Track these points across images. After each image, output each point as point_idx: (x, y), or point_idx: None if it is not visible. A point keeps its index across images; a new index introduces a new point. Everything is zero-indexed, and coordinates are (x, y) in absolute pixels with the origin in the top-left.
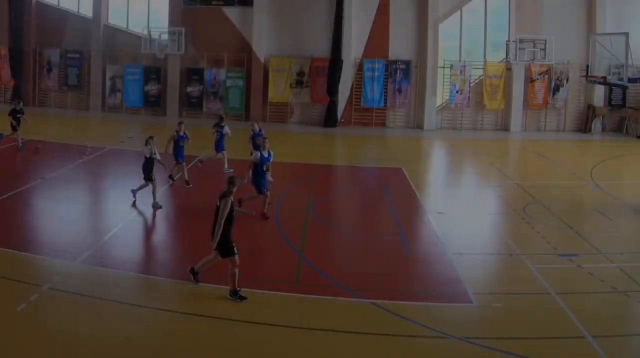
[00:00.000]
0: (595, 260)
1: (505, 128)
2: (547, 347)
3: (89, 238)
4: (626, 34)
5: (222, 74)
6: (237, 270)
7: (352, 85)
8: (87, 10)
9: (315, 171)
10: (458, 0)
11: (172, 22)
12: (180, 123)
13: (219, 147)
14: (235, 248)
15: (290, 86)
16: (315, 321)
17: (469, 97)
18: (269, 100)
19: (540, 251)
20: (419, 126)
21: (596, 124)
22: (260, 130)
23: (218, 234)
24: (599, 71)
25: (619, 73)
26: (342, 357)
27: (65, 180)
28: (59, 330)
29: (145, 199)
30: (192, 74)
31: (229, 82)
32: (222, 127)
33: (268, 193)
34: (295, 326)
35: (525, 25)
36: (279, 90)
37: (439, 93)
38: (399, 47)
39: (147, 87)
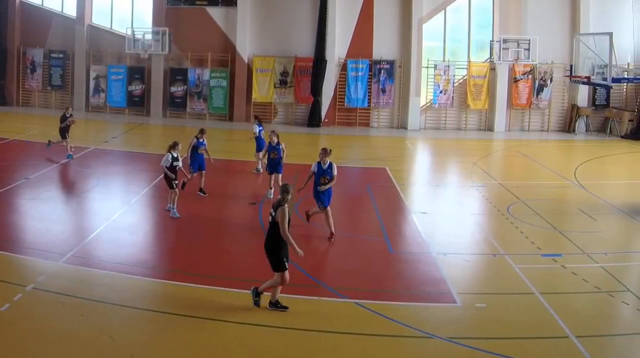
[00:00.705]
0: (578, 260)
1: (489, 128)
2: (531, 347)
3: (73, 238)
4: (610, 34)
5: (206, 74)
6: (280, 287)
7: (336, 85)
8: (71, 10)
9: (298, 171)
10: (442, 0)
11: (155, 22)
12: (202, 130)
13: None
14: (286, 264)
15: (274, 86)
16: (299, 321)
17: (452, 97)
18: (252, 100)
19: (524, 251)
20: (403, 126)
21: (580, 124)
22: (277, 144)
23: (291, 242)
24: (582, 71)
25: (603, 73)
26: (326, 357)
27: (49, 180)
28: (43, 330)
29: (127, 198)
30: (175, 74)
31: (212, 82)
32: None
33: (329, 209)
34: (279, 326)
35: (510, 25)
36: (262, 90)
37: (423, 93)
38: (383, 47)
39: (131, 87)
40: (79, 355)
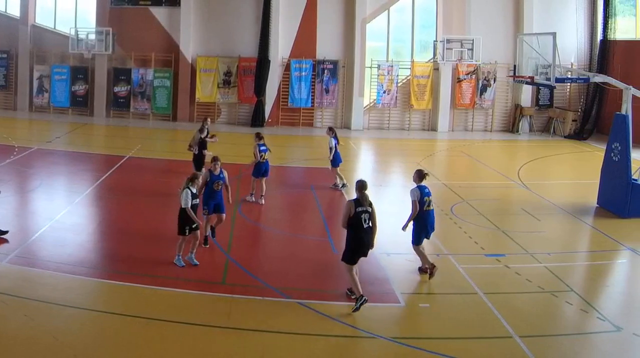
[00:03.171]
0: (522, 260)
1: (433, 128)
2: (475, 347)
3: (16, 238)
4: (553, 34)
5: (149, 73)
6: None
7: (280, 85)
8: (14, 10)
9: (242, 171)
10: (385, 0)
11: (99, 22)
12: (215, 159)
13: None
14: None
15: (218, 86)
16: (242, 321)
17: (396, 97)
18: (196, 100)
19: (468, 251)
20: (347, 126)
21: (523, 124)
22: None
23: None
24: (526, 71)
25: (546, 73)
26: (269, 357)
27: None
28: None
29: (70, 198)
30: (119, 74)
31: (156, 82)
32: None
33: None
34: (222, 326)
35: (453, 26)
36: (206, 90)
37: (367, 93)
38: (327, 47)
39: (75, 87)
40: (22, 355)
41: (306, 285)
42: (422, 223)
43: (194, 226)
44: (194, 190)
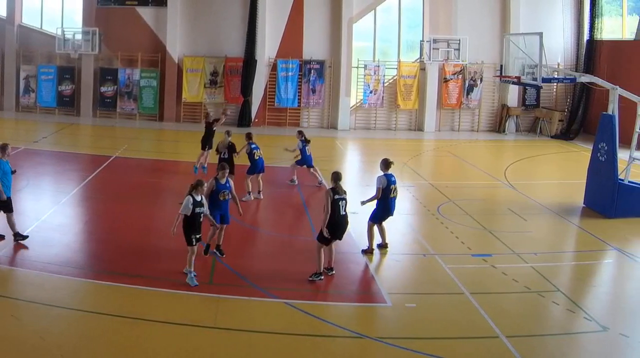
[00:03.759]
0: (509, 260)
1: (419, 128)
2: (461, 347)
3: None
4: (540, 34)
5: (136, 73)
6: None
7: (266, 85)
8: (0, 10)
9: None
10: (372, 0)
11: (85, 22)
12: (222, 167)
13: (310, 161)
14: None
15: (204, 86)
16: (229, 321)
17: (382, 97)
18: (183, 100)
19: (454, 251)
20: (333, 126)
21: (510, 124)
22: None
23: None
24: (512, 71)
25: (533, 73)
26: (256, 357)
27: None
28: None
29: (57, 198)
30: (106, 74)
31: (143, 82)
32: (308, 142)
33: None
34: (209, 326)
35: (440, 25)
36: (192, 90)
37: (353, 93)
38: (313, 47)
39: (61, 87)
40: (9, 355)
41: (292, 285)
42: (385, 208)
43: (197, 236)
44: (198, 198)
